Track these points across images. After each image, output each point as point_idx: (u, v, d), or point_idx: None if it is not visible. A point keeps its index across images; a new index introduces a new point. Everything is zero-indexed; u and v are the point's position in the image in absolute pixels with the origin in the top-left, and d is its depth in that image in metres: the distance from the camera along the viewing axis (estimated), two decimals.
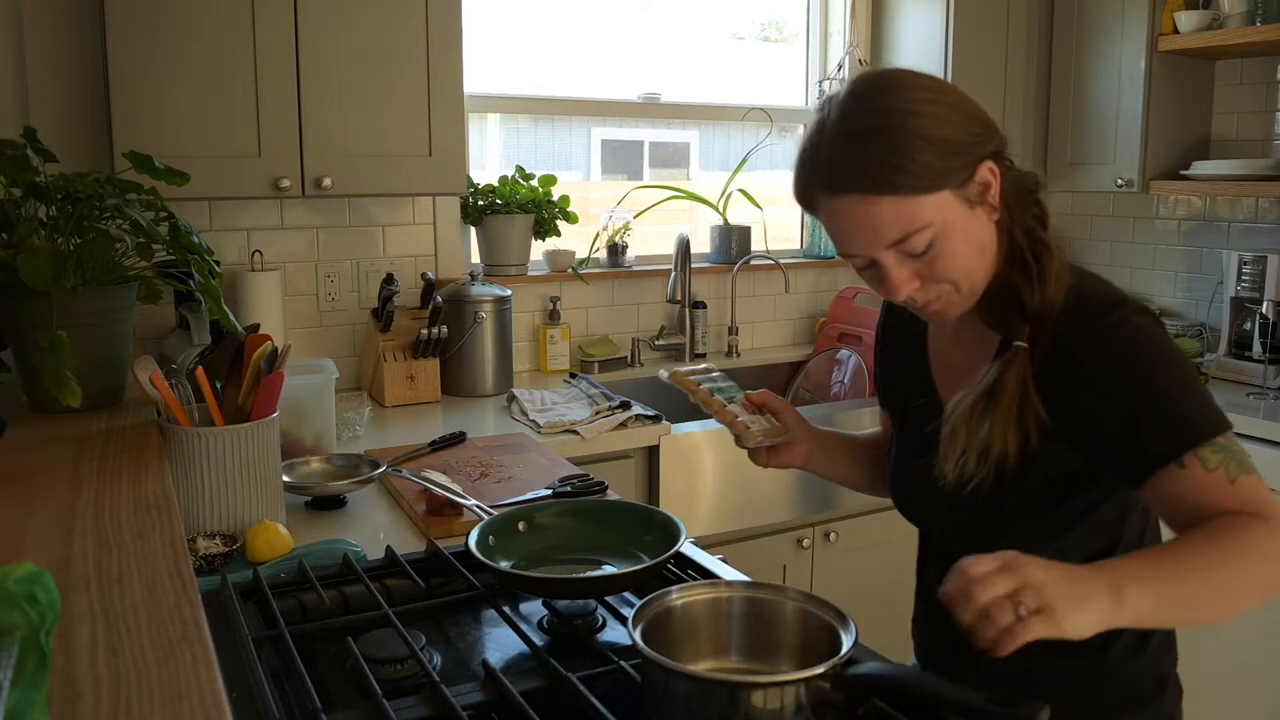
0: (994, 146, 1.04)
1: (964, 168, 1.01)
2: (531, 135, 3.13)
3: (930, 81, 1.03)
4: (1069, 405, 1.05)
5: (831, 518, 2.61)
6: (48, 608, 0.59)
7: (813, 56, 3.42)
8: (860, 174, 0.99)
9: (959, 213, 1.02)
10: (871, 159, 0.98)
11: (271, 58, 2.11)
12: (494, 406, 2.49)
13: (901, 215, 0.99)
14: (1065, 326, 1.05)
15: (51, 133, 1.56)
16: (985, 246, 1.06)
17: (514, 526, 1.26)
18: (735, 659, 1.01)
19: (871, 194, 0.99)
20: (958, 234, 1.02)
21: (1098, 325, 1.04)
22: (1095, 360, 1.03)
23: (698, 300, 3.07)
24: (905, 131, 0.98)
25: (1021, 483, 1.08)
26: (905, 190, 0.98)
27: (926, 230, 1.00)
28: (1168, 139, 3.02)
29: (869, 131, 0.99)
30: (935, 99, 1.01)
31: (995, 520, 1.12)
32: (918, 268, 1.04)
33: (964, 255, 1.04)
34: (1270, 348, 2.73)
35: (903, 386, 1.28)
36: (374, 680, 0.95)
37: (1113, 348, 1.03)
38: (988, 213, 1.05)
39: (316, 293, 2.59)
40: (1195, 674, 1.31)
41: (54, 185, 1.36)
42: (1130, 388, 1.02)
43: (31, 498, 1.05)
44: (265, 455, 1.45)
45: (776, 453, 1.31)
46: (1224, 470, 0.99)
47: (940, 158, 0.99)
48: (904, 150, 0.97)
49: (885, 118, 0.99)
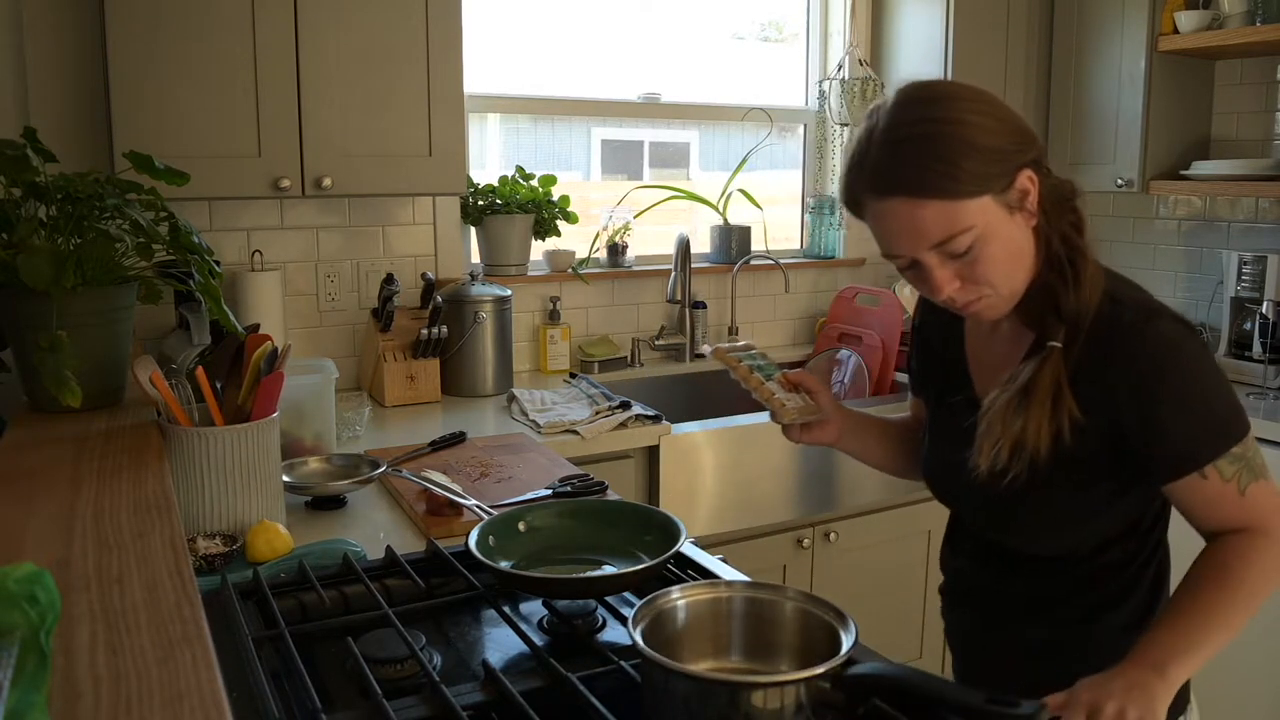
0: (1032, 155, 1.08)
1: (1004, 175, 1.06)
2: (531, 135, 3.13)
3: (974, 92, 1.08)
4: (1097, 406, 1.10)
5: (831, 518, 2.61)
6: (48, 608, 0.59)
7: (813, 56, 3.42)
8: (907, 178, 1.04)
9: (999, 218, 1.06)
10: (918, 164, 1.03)
11: (271, 58, 2.11)
12: (494, 406, 2.49)
13: (945, 218, 1.04)
14: (1098, 330, 1.11)
15: (51, 133, 1.56)
16: (1024, 251, 1.10)
17: (514, 526, 1.26)
18: (735, 659, 1.01)
19: (917, 197, 1.04)
20: (998, 238, 1.07)
21: (1128, 331, 1.09)
22: (1124, 365, 1.09)
23: (698, 300, 3.07)
24: (951, 139, 1.03)
25: (1052, 475, 1.14)
26: (950, 195, 1.03)
27: (968, 233, 1.05)
28: (1168, 139, 3.02)
29: (916, 138, 1.04)
30: (979, 109, 1.06)
31: (1022, 510, 1.18)
32: (959, 268, 1.08)
33: (1003, 258, 1.08)
34: (1270, 348, 2.73)
35: (938, 378, 1.32)
36: (374, 680, 0.95)
37: (1141, 354, 1.08)
38: (1026, 218, 1.09)
39: (316, 293, 2.59)
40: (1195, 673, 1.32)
41: (54, 185, 1.36)
42: (1155, 396, 1.08)
43: (31, 498, 1.05)
44: (265, 455, 1.45)
45: (809, 430, 1.36)
46: (1236, 482, 1.08)
47: (983, 165, 1.04)
48: (949, 157, 1.03)
49: (932, 126, 1.04)
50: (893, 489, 2.72)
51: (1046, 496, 1.16)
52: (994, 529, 1.25)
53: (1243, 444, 1.09)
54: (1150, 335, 1.08)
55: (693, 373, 3.02)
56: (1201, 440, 1.08)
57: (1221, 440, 1.08)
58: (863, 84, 3.22)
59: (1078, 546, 1.20)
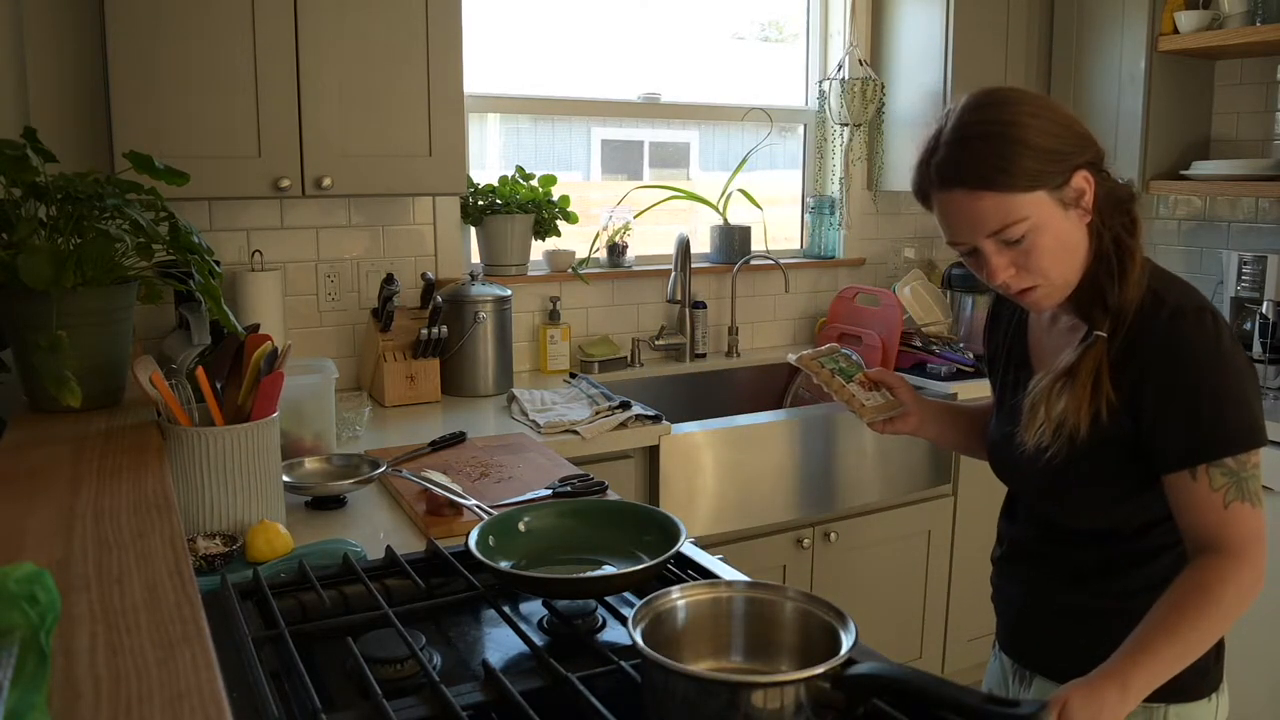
0: (1089, 157, 1.17)
1: (1060, 173, 1.15)
2: (531, 135, 3.13)
3: (1036, 98, 1.18)
4: (1130, 392, 1.19)
5: (831, 518, 2.61)
6: (48, 608, 0.59)
7: (813, 56, 3.42)
8: (968, 172, 1.15)
9: (1053, 212, 1.15)
10: (979, 160, 1.14)
11: (271, 58, 2.11)
12: (494, 406, 2.49)
13: (1001, 209, 1.14)
14: (1138, 323, 1.19)
15: (51, 133, 1.56)
16: (1076, 245, 1.19)
17: (514, 526, 1.26)
18: (735, 659, 1.01)
19: (977, 189, 1.14)
20: (1050, 231, 1.16)
21: (1161, 326, 1.17)
22: (1153, 357, 1.17)
23: (698, 300, 3.07)
24: (1009, 139, 1.13)
25: (1090, 454, 1.22)
26: (1005, 188, 1.13)
27: (1023, 223, 1.14)
28: (1168, 139, 3.02)
29: (978, 137, 1.14)
30: (1038, 113, 1.15)
31: (1064, 485, 1.27)
32: (1014, 257, 1.18)
33: (1055, 250, 1.17)
34: (1270, 348, 2.73)
35: (1004, 363, 1.42)
36: (374, 680, 0.95)
37: (1168, 349, 1.16)
38: (1080, 215, 1.18)
39: (316, 293, 2.59)
40: None
41: (54, 185, 1.36)
42: (1173, 388, 1.15)
43: (31, 498, 1.05)
44: (265, 455, 1.45)
45: (891, 422, 1.49)
46: (1224, 494, 1.13)
47: (1038, 163, 1.13)
48: (1007, 154, 1.13)
49: (993, 126, 1.14)
50: (893, 489, 2.72)
51: (1085, 474, 1.24)
52: (1041, 502, 1.34)
53: (1239, 460, 1.13)
54: (1183, 332, 1.15)
55: (693, 373, 3.02)
56: (1200, 440, 1.14)
57: (1219, 447, 1.13)
58: (863, 84, 3.22)
59: (1120, 525, 1.26)
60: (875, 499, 2.67)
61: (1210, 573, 1.13)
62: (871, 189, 3.42)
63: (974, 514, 2.94)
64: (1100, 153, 1.19)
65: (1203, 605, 1.11)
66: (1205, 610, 1.11)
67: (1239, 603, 1.12)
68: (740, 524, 2.47)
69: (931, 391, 2.87)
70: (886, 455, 2.68)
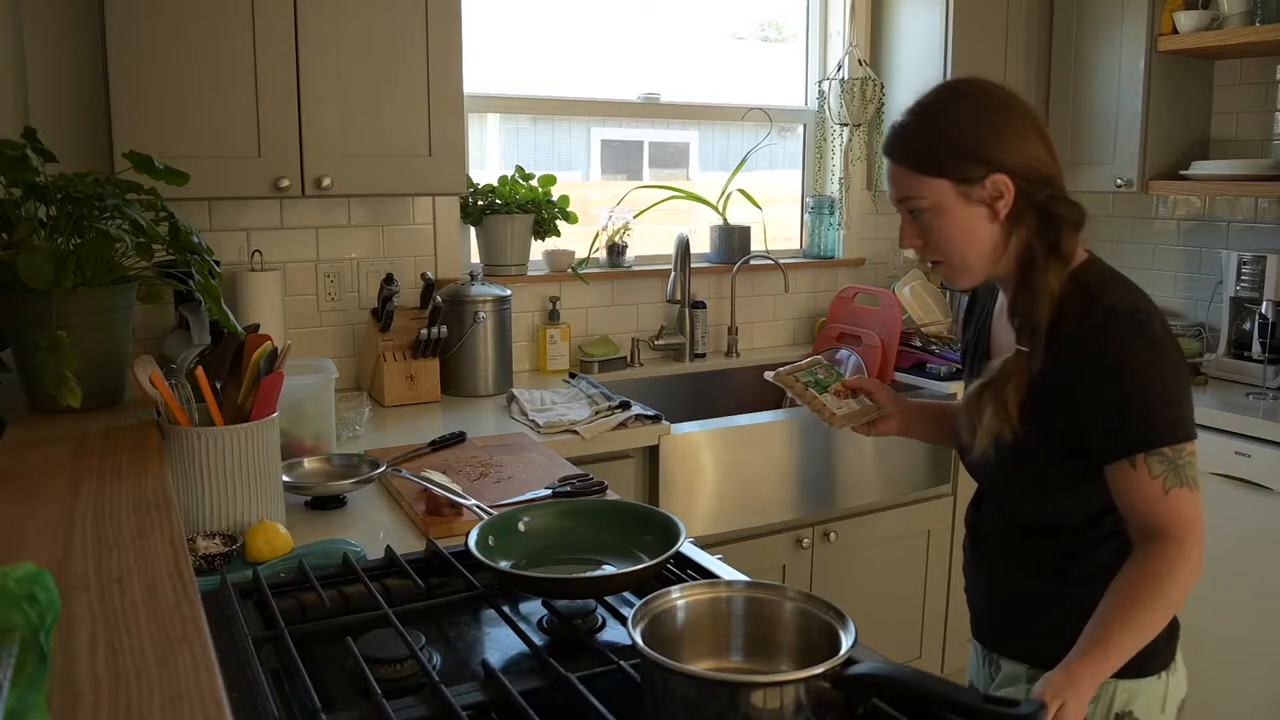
0: (1014, 167, 1.23)
1: (969, 169, 1.24)
2: (531, 135, 3.13)
3: (986, 98, 1.27)
4: (1067, 390, 1.24)
5: (831, 518, 2.61)
6: (48, 608, 0.59)
7: (813, 56, 3.42)
8: (893, 145, 1.30)
9: (954, 202, 1.25)
10: (902, 137, 1.29)
11: (271, 58, 2.11)
12: (494, 406, 2.49)
13: (908, 183, 1.28)
14: (1071, 320, 1.24)
15: (51, 133, 1.56)
16: (982, 240, 1.27)
17: (514, 526, 1.26)
18: (735, 659, 1.01)
19: (896, 161, 1.29)
20: (949, 218, 1.26)
21: (1096, 325, 1.22)
22: (1089, 355, 1.22)
23: (697, 300, 3.07)
24: (928, 127, 1.27)
25: (1030, 452, 1.29)
26: (913, 167, 1.27)
27: (921, 201, 1.27)
28: (1167, 139, 3.02)
29: (914, 117, 1.29)
30: (977, 113, 1.26)
31: (1012, 480, 1.36)
32: (919, 229, 1.30)
33: (954, 236, 1.27)
34: (1269, 348, 2.73)
35: (972, 354, 1.49)
36: (374, 680, 0.95)
37: (1104, 348, 1.21)
38: (989, 215, 1.26)
39: (316, 293, 2.59)
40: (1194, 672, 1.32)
41: (54, 185, 1.36)
42: (1104, 384, 1.21)
43: (31, 498, 1.05)
44: (265, 455, 1.45)
45: (874, 425, 1.58)
46: (1163, 481, 1.19)
47: (946, 154, 1.25)
48: (922, 139, 1.27)
49: (926, 111, 1.28)
50: (893, 489, 2.72)
51: (1024, 470, 1.32)
52: (996, 493, 1.42)
53: (1175, 449, 1.19)
54: (1118, 331, 1.21)
55: (693, 373, 3.02)
56: (1136, 433, 1.20)
57: (1155, 437, 1.19)
58: (862, 84, 3.22)
59: (1068, 515, 1.32)
60: (875, 499, 2.67)
61: (1159, 563, 1.20)
62: (871, 189, 3.42)
63: None
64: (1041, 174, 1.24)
65: (1154, 594, 1.19)
66: (1156, 599, 1.19)
67: (1185, 586, 1.20)
68: (740, 524, 2.47)
69: (931, 392, 2.87)
70: (886, 455, 2.68)
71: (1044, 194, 1.25)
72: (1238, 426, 2.50)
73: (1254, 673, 2.49)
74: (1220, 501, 2.54)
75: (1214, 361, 2.92)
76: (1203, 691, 2.68)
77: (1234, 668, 2.52)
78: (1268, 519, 2.45)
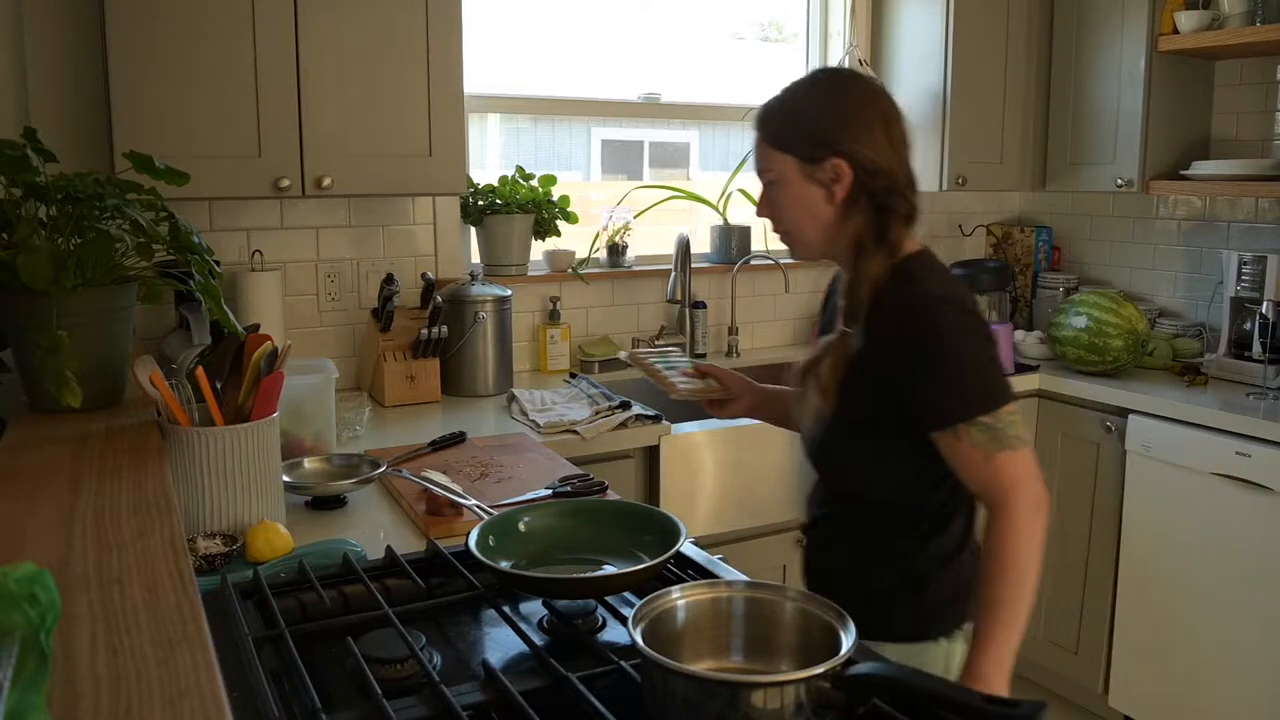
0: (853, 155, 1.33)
1: (812, 149, 1.35)
2: (531, 135, 3.13)
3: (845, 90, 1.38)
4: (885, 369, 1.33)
5: None
6: (48, 608, 0.59)
7: (813, 56, 3.42)
8: (758, 119, 1.43)
9: (795, 178, 1.37)
10: (764, 111, 1.43)
11: (271, 58, 2.11)
12: (494, 406, 2.49)
13: (762, 154, 1.41)
14: (889, 303, 1.34)
15: (51, 133, 1.56)
16: (819, 216, 1.38)
17: (514, 526, 1.26)
18: (735, 659, 1.01)
19: (756, 133, 1.43)
20: (791, 191, 1.38)
21: (911, 307, 1.32)
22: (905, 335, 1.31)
23: (698, 300, 3.07)
24: (784, 107, 1.41)
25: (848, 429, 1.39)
26: (765, 139, 1.40)
27: (770, 173, 1.40)
28: (1167, 139, 3.02)
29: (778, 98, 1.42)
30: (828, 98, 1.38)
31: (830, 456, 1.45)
32: (769, 200, 1.43)
33: (795, 210, 1.39)
34: (1270, 348, 2.73)
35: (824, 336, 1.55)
36: (374, 680, 0.95)
37: (917, 328, 1.30)
38: (825, 195, 1.36)
39: (316, 293, 2.59)
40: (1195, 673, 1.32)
41: (54, 185, 1.36)
42: (918, 362, 1.30)
43: (31, 498, 1.05)
44: (265, 455, 1.45)
45: (722, 406, 1.70)
46: (984, 449, 1.27)
47: (793, 132, 1.37)
48: (777, 115, 1.41)
49: (787, 93, 1.42)
50: None
51: (847, 447, 1.41)
52: (818, 471, 1.51)
53: (994, 416, 1.26)
54: (925, 312, 1.30)
55: None
56: (953, 403, 1.28)
57: (971, 407, 1.27)
58: None
59: (888, 493, 1.40)
60: None
61: (995, 537, 1.27)
62: None
63: None
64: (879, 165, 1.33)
65: (1003, 566, 1.26)
66: (1006, 571, 1.25)
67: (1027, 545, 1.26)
68: (740, 524, 2.47)
69: None
70: None
71: (879, 185, 1.34)
72: (1238, 426, 2.50)
73: (1254, 673, 2.49)
74: (1220, 501, 2.54)
75: (1214, 361, 2.92)
76: (1203, 691, 2.69)
77: (1234, 668, 2.52)
78: (1268, 519, 2.45)
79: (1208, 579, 2.58)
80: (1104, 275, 3.41)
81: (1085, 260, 3.48)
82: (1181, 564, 2.64)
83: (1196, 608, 2.60)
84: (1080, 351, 2.91)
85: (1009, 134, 3.21)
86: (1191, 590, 2.61)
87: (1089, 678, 2.92)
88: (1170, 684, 2.67)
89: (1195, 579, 2.60)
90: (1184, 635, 2.63)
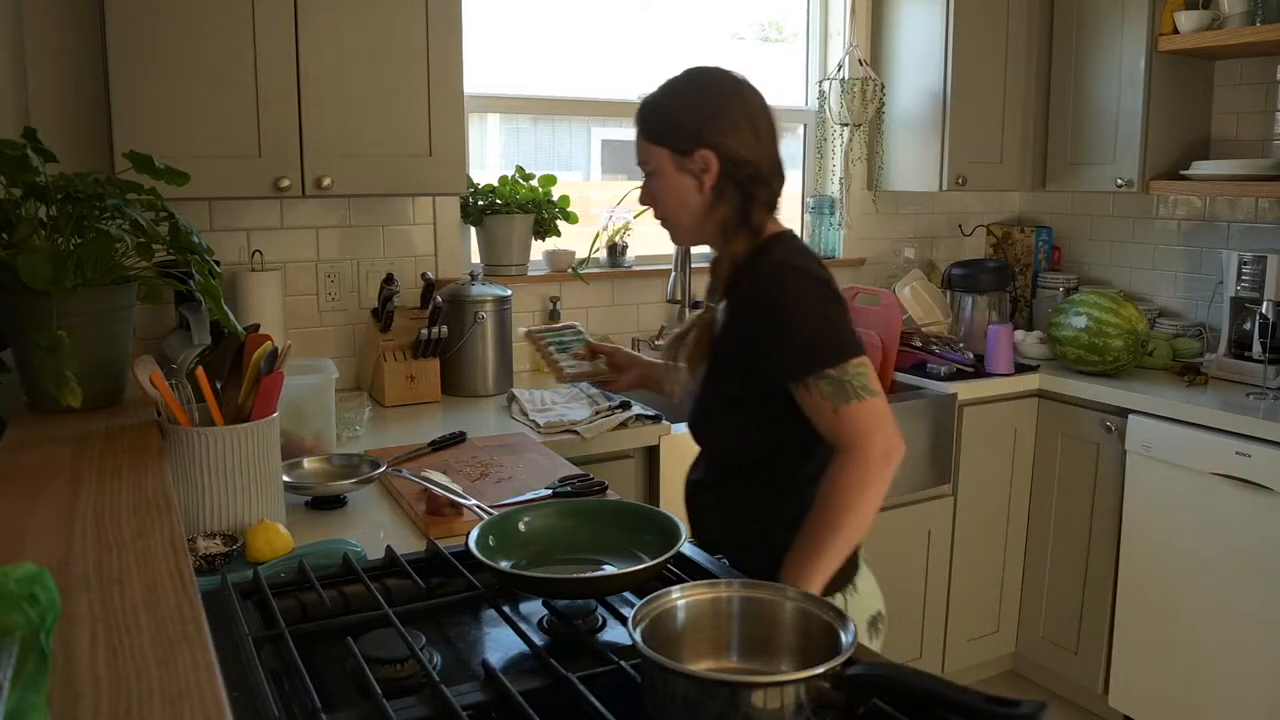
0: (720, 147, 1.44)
1: (682, 141, 1.46)
2: (531, 135, 3.13)
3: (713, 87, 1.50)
4: (744, 333, 1.44)
5: None
6: (48, 608, 0.59)
7: (813, 56, 3.42)
8: (638, 114, 1.54)
9: (670, 169, 1.49)
10: (644, 108, 1.53)
11: (271, 58, 2.11)
12: (494, 406, 2.49)
13: (641, 147, 1.53)
14: (747, 276, 1.45)
15: (51, 133, 1.56)
16: (692, 205, 1.49)
17: (514, 526, 1.26)
18: (735, 659, 1.01)
19: (636, 128, 1.54)
20: (665, 182, 1.50)
21: (762, 276, 1.42)
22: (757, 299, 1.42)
23: (698, 300, 3.06)
24: (659, 103, 1.52)
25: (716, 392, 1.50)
26: (642, 133, 1.52)
27: (648, 165, 1.51)
28: (1167, 139, 3.02)
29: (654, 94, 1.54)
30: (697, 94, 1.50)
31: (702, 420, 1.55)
32: (649, 190, 1.53)
33: (670, 198, 1.50)
34: (1270, 348, 2.73)
35: None
36: (374, 680, 0.95)
37: (766, 293, 1.41)
38: (696, 185, 1.47)
39: (316, 293, 2.59)
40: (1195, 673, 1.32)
41: (54, 185, 1.36)
42: (769, 323, 1.40)
43: (31, 498, 1.05)
44: (265, 455, 1.45)
45: (612, 383, 1.89)
46: (832, 401, 1.35)
47: (664, 126, 1.49)
48: (653, 111, 1.52)
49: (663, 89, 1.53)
50: (892, 489, 2.70)
51: (720, 419, 1.52)
52: (697, 442, 1.60)
53: (840, 369, 1.35)
54: (777, 279, 1.41)
55: None
56: (800, 357, 1.37)
57: (815, 363, 1.35)
58: (863, 84, 3.22)
59: (761, 452, 1.49)
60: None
61: (839, 477, 1.35)
62: (871, 189, 3.42)
63: (974, 514, 2.94)
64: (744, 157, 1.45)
65: (842, 508, 1.34)
66: (845, 513, 1.34)
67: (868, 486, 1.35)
68: None
69: (932, 391, 2.87)
70: None
71: (744, 174, 1.45)
72: (1238, 426, 2.50)
73: (1254, 673, 2.49)
74: (1220, 501, 2.54)
75: (1214, 361, 2.92)
76: (1203, 691, 2.69)
77: (1234, 668, 2.52)
78: (1268, 519, 2.45)
79: (1208, 579, 2.58)
80: (1104, 275, 3.41)
81: (1085, 260, 3.48)
82: (1181, 564, 2.64)
83: (1196, 608, 2.60)
84: (1080, 351, 2.91)
85: (1009, 134, 3.21)
86: (1191, 590, 2.61)
87: (1089, 678, 2.92)
88: (1170, 684, 2.67)
89: (1195, 579, 2.61)
90: (1184, 635, 2.63)
